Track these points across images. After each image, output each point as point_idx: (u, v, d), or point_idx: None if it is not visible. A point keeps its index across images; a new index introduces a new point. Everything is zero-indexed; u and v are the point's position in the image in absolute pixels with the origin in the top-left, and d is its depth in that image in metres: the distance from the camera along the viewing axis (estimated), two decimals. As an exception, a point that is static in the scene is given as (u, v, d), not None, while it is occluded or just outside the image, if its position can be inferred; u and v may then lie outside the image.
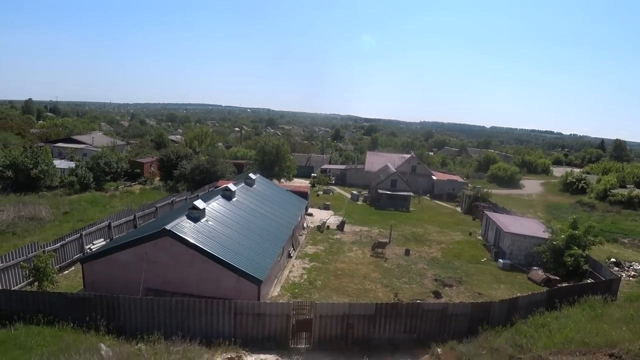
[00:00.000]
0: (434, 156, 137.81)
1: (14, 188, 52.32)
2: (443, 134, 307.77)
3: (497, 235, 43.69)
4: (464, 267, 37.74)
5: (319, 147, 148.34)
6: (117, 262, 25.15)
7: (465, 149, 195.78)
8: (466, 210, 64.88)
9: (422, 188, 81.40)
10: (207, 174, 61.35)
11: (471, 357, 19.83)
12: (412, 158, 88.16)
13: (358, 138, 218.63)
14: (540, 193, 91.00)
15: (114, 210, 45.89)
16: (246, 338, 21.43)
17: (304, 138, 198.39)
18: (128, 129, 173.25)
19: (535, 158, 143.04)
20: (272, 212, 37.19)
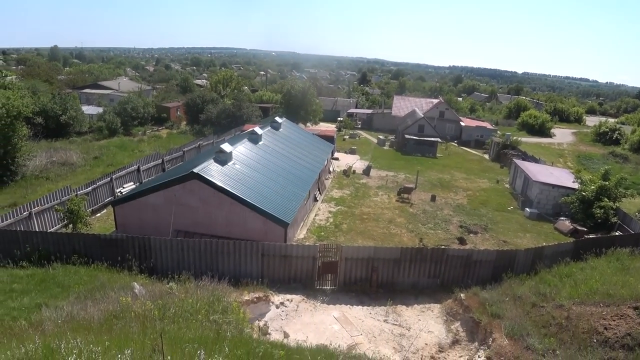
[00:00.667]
0: (462, 102, 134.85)
1: (45, 134, 53.32)
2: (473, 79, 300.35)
3: (525, 183, 43.09)
4: (489, 215, 37.52)
5: (345, 91, 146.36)
6: (147, 204, 25.74)
7: (496, 95, 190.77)
8: (494, 158, 63.93)
9: (449, 134, 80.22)
10: (233, 118, 61.46)
11: (494, 303, 19.93)
12: (440, 103, 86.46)
13: (385, 82, 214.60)
14: (572, 142, 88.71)
15: (142, 154, 46.58)
16: (273, 279, 21.94)
17: (330, 82, 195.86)
18: (153, 74, 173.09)
19: (568, 106, 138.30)
20: (299, 155, 37.22)
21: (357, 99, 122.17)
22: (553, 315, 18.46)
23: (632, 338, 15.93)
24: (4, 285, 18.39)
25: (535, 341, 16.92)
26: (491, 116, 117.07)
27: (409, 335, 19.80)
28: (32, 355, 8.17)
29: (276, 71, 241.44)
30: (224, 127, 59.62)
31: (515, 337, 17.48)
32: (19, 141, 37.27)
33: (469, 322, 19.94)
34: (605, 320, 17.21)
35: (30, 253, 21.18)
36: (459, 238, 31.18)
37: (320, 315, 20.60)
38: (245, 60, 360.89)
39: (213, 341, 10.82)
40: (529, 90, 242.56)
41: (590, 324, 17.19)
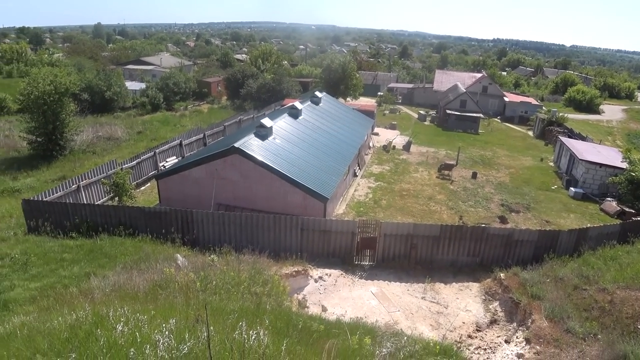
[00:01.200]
0: (506, 76, 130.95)
1: (91, 110, 54.84)
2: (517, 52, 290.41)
3: (571, 162, 41.76)
4: (532, 194, 36.58)
5: (385, 65, 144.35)
6: (189, 178, 26.25)
7: (541, 69, 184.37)
8: (538, 135, 62.13)
9: (492, 109, 78.34)
10: (273, 93, 61.64)
11: (534, 284, 19.56)
12: (484, 78, 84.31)
13: (426, 56, 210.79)
14: (622, 120, 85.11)
15: (184, 129, 47.39)
16: (312, 253, 22.11)
17: (370, 55, 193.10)
18: (194, 49, 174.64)
19: (619, 81, 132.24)
20: (338, 130, 37.11)
21: (398, 73, 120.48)
22: (596, 298, 18.02)
23: (681, 325, 15.47)
24: (56, 254, 19.26)
25: (576, 324, 16.62)
26: (536, 91, 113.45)
27: (447, 313, 19.74)
28: (82, 321, 8.52)
29: (316, 45, 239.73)
30: (264, 102, 59.93)
31: (555, 319, 17.20)
32: (67, 117, 38.49)
33: (507, 302, 19.72)
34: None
35: (79, 224, 22.05)
36: (500, 217, 30.63)
37: (358, 291, 20.73)
38: (285, 35, 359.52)
39: (254, 313, 11.05)
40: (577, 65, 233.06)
41: (635, 309, 16.71)
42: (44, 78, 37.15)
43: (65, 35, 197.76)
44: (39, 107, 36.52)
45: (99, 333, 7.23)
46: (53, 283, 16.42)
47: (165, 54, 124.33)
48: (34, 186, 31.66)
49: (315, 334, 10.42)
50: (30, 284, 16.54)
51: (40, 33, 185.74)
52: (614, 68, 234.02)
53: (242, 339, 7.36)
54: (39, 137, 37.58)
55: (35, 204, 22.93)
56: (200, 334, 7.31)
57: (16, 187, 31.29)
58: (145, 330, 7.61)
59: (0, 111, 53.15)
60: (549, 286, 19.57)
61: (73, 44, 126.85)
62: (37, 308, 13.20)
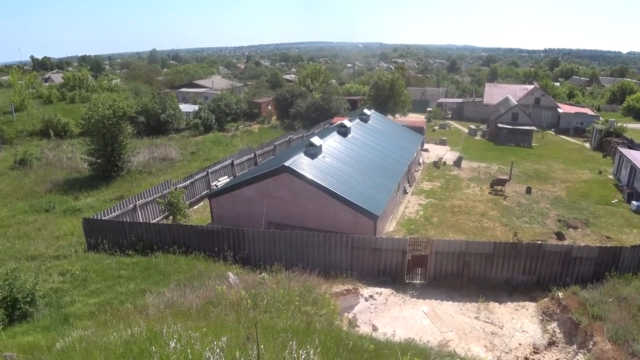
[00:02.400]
0: (560, 87, 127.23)
1: (147, 132, 56.95)
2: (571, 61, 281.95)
3: (632, 174, 40.00)
4: (591, 208, 35.16)
5: (434, 80, 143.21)
6: (240, 197, 26.77)
7: (597, 78, 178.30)
8: (596, 147, 59.89)
9: (546, 122, 76.21)
10: (322, 111, 62.14)
11: (595, 304, 18.68)
12: (536, 89, 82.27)
13: (475, 69, 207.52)
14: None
15: (235, 149, 48.37)
16: (362, 271, 22.01)
17: (418, 71, 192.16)
18: (244, 71, 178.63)
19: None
20: (388, 147, 37.01)
21: (447, 88, 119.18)
22: (664, 319, 17.09)
23: None
24: (113, 271, 20.01)
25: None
26: (592, 101, 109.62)
27: (502, 334, 19.14)
28: (137, 337, 8.80)
29: (363, 63, 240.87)
30: (313, 121, 60.47)
31: (619, 341, 16.33)
32: (124, 139, 40.08)
33: (567, 323, 18.91)
34: None
35: (135, 242, 22.86)
36: (556, 233, 29.62)
37: (409, 310, 20.43)
38: (332, 54, 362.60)
39: (304, 332, 11.09)
40: (636, 72, 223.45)
41: None
42: (103, 103, 38.99)
43: (123, 62, 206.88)
44: (98, 131, 38.23)
45: (153, 350, 7.44)
46: (110, 299, 17.04)
47: (217, 77, 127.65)
48: (94, 205, 33.02)
49: (366, 354, 10.35)
50: (89, 300, 17.24)
51: (100, 61, 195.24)
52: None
53: (292, 358, 7.40)
54: (98, 158, 39.26)
55: (95, 222, 23.95)
56: (251, 352, 7.40)
57: (77, 206, 32.70)
58: (197, 347, 7.78)
59: (64, 135, 55.83)
60: (612, 306, 18.63)
61: (130, 70, 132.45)
62: (95, 323, 13.72)
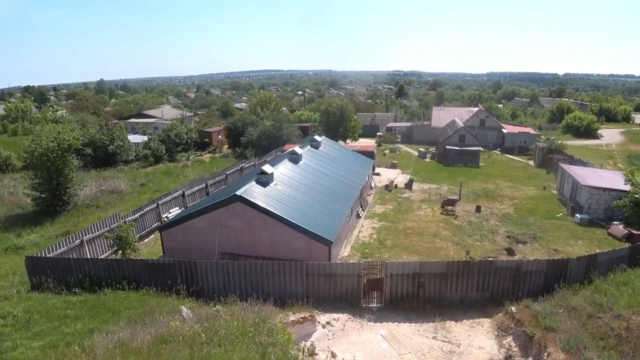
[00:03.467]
0: (503, 108, 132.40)
1: (94, 164, 55.50)
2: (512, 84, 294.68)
3: (574, 189, 41.72)
4: (538, 223, 36.40)
5: (383, 106, 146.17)
6: (192, 228, 26.27)
7: (537, 98, 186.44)
8: (539, 164, 62.28)
9: (491, 142, 78.79)
10: (274, 139, 62.22)
11: (547, 316, 19.22)
12: (480, 111, 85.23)
13: (423, 94, 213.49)
14: (621, 143, 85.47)
15: (186, 179, 47.66)
16: (318, 298, 21.85)
17: (368, 97, 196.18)
18: (195, 100, 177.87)
19: (615, 105, 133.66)
20: (339, 173, 37.28)
21: (396, 112, 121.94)
22: (611, 326, 17.67)
23: (698, 347, 15.12)
24: (59, 311, 19.09)
25: (594, 355, 16.21)
26: (534, 121, 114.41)
27: (460, 352, 19.30)
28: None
29: (313, 90, 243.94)
30: (265, 149, 60.45)
31: (571, 350, 16.77)
32: (70, 172, 38.83)
33: (521, 336, 19.29)
34: (668, 329, 16.39)
35: (82, 279, 21.93)
36: (507, 249, 30.38)
37: (368, 334, 20.35)
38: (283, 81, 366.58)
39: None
40: (572, 92, 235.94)
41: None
42: (47, 135, 37.70)
43: (69, 92, 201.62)
44: (42, 164, 36.91)
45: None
46: (56, 341, 16.21)
47: (167, 107, 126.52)
48: (37, 242, 31.67)
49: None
50: (32, 343, 16.32)
51: (44, 91, 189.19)
52: (608, 92, 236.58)
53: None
54: (42, 193, 37.83)
55: (38, 260, 22.89)
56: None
57: (20, 244, 31.30)
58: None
59: (5, 169, 53.73)
60: (563, 317, 19.19)
61: (76, 101, 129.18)
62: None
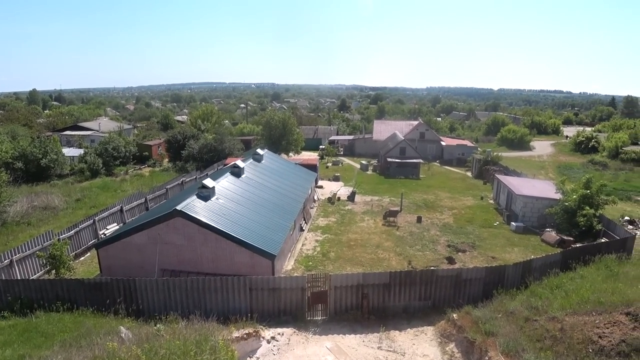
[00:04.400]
0: (442, 121, 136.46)
1: (25, 179, 52.81)
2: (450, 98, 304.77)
3: (509, 198, 43.44)
4: (476, 232, 37.66)
5: (325, 119, 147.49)
6: (131, 245, 25.43)
7: (474, 112, 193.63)
8: (477, 175, 64.51)
9: (431, 154, 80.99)
10: (215, 152, 61.47)
11: (487, 321, 19.83)
12: (420, 124, 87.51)
13: (365, 107, 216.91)
14: (551, 154, 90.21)
15: (125, 194, 46.20)
16: (262, 313, 21.62)
17: (310, 110, 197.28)
18: (134, 113, 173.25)
19: (545, 118, 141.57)
20: (282, 186, 37.19)
21: (338, 125, 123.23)
22: (547, 328, 18.44)
23: (627, 344, 15.99)
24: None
25: (531, 356, 16.82)
26: (471, 134, 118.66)
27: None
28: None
29: (256, 103, 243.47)
30: (207, 162, 59.59)
31: (510, 353, 17.35)
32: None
33: (463, 342, 19.77)
34: (599, 328, 17.24)
35: (12, 302, 20.68)
36: (447, 258, 31.17)
37: (313, 347, 20.28)
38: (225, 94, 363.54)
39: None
40: (506, 106, 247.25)
41: (584, 334, 17.20)
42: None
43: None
44: (-33, 180, 34.84)
45: None
46: (-18, 371, 15.24)
47: (104, 119, 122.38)
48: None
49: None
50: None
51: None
52: (539, 107, 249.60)
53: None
54: (-33, 210, 35.63)
55: (-38, 283, 21.47)
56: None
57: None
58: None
59: None
60: (502, 321, 19.86)
61: (6, 111, 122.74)
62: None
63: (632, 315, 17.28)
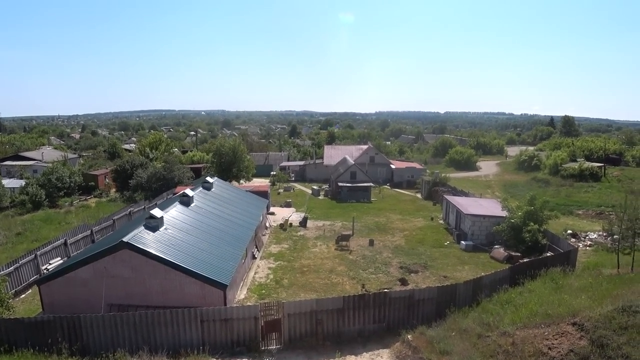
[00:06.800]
0: (391, 145, 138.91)
1: (-38, 212, 50.25)
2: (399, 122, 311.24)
3: (458, 217, 44.47)
4: (428, 252, 38.26)
5: (276, 145, 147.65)
6: (75, 280, 24.41)
7: (422, 135, 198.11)
8: (426, 196, 65.73)
9: (381, 177, 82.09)
10: (165, 181, 60.26)
11: (441, 340, 20.12)
12: (370, 149, 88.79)
13: (315, 133, 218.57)
14: (497, 173, 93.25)
15: (69, 226, 44.55)
16: (215, 345, 21.14)
17: (261, 137, 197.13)
18: (79, 141, 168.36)
19: (490, 139, 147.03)
20: (233, 214, 36.80)
21: (289, 151, 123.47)
22: (499, 343, 18.91)
23: (575, 354, 16.63)
24: None
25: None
26: (419, 156, 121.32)
27: (360, 386, 19.47)
28: None
29: (206, 130, 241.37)
30: (156, 192, 58.31)
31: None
32: None
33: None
34: (548, 340, 17.84)
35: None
36: (400, 279, 31.46)
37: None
38: (175, 122, 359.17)
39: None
40: (452, 128, 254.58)
41: (535, 346, 17.74)
42: None
43: None
44: None
45: None
46: None
47: (48, 148, 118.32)
48: None
49: None
50: None
51: None
52: (483, 128, 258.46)
53: None
54: None
55: None
56: None
57: None
58: None
59: None
60: (455, 339, 20.22)
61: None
62: None
63: (578, 325, 17.96)
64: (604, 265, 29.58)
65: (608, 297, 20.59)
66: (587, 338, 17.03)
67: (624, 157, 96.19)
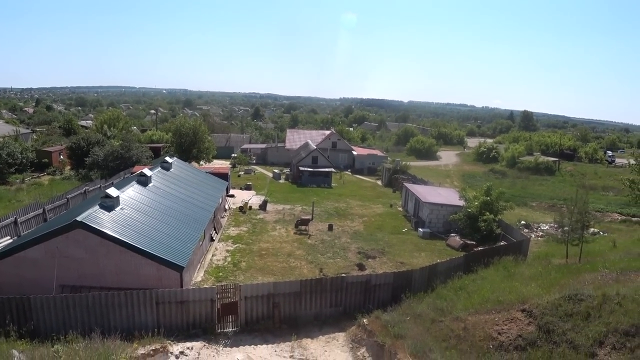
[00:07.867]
0: (354, 132, 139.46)
1: None
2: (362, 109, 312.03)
3: (417, 205, 45.17)
4: (386, 239, 38.78)
5: (238, 127, 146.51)
6: (25, 260, 23.64)
7: (384, 123, 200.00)
8: (386, 183, 66.51)
9: (343, 163, 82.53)
10: (122, 160, 58.82)
11: (395, 325, 20.49)
12: (332, 134, 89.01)
13: (278, 116, 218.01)
14: (456, 163, 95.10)
15: (20, 204, 42.99)
16: (170, 327, 20.94)
17: (223, 118, 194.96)
18: (33, 116, 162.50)
19: (451, 130, 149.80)
20: (191, 195, 36.31)
21: (251, 134, 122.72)
22: (451, 327, 19.43)
23: (523, 339, 17.23)
24: None
25: (438, 356, 17.59)
26: (381, 144, 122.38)
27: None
28: None
29: (167, 109, 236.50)
30: (112, 170, 56.88)
31: (418, 354, 18.04)
32: None
33: (374, 346, 20.26)
34: (498, 325, 18.45)
35: None
36: (358, 264, 31.81)
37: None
38: (135, 99, 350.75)
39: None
40: (415, 118, 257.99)
41: (485, 331, 18.30)
42: None
43: None
44: None
45: None
46: None
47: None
48: None
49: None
50: None
51: None
52: (445, 119, 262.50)
53: None
54: None
55: None
56: None
57: None
58: None
59: None
60: (410, 324, 20.66)
61: None
62: None
63: (527, 311, 18.61)
64: (553, 255, 30.63)
65: (556, 286, 21.41)
66: (535, 324, 17.66)
67: (578, 153, 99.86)
